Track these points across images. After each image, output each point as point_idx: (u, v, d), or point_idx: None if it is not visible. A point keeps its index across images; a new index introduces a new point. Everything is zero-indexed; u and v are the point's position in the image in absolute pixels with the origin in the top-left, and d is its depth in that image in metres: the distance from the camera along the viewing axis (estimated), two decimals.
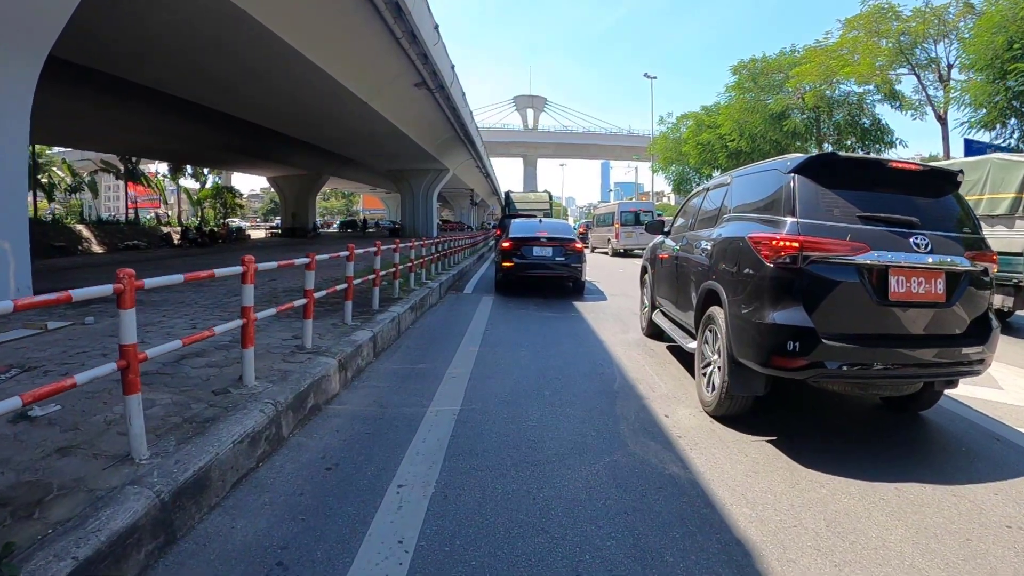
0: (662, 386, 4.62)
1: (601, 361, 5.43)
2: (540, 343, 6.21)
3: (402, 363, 5.22)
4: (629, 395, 4.36)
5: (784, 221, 3.33)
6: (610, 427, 3.67)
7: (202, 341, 3.63)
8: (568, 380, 4.73)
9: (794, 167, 3.46)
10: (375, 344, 5.35)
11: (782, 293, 3.21)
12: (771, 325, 3.20)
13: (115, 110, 20.85)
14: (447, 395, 4.24)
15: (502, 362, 5.28)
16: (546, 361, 5.40)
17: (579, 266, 10.68)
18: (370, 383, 4.57)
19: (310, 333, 4.60)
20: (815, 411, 4.15)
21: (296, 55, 13.66)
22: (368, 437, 3.45)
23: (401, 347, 5.91)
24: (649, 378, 4.85)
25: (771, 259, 3.26)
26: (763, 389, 3.52)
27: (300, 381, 3.79)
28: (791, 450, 3.32)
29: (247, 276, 3.52)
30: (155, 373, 4.03)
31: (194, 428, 3.05)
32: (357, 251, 5.93)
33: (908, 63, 20.84)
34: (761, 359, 3.27)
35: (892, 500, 2.77)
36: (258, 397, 3.47)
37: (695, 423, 3.79)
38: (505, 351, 5.76)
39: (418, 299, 7.71)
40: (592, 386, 4.58)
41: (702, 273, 4.31)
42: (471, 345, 5.95)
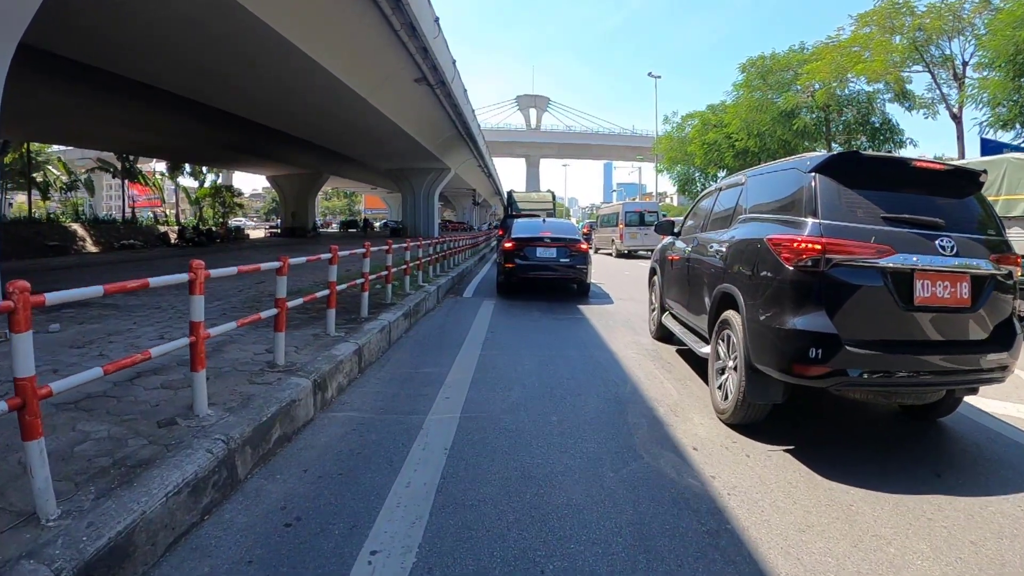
0: (675, 395, 4.15)
1: (615, 379, 4.84)
2: (545, 353, 5.63)
3: (390, 380, 4.64)
4: (646, 417, 3.78)
5: (805, 222, 3.22)
6: (632, 469, 3.09)
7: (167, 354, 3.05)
8: (577, 400, 4.15)
9: (815, 166, 3.34)
10: (360, 358, 4.77)
11: (803, 297, 3.10)
12: (792, 331, 3.09)
13: (111, 107, 20.34)
14: (439, 422, 3.66)
15: (503, 378, 4.71)
16: (552, 375, 4.82)
17: (584, 268, 10.20)
18: (351, 405, 3.99)
19: (282, 348, 4.02)
20: (831, 418, 4.02)
21: (291, 48, 13.10)
22: (341, 479, 2.87)
23: (391, 359, 5.33)
24: (663, 390, 4.27)
25: (792, 262, 3.15)
26: (782, 397, 3.39)
27: (263, 409, 3.21)
28: (810, 460, 3.18)
29: (195, 286, 2.94)
30: (100, 396, 3.47)
31: (123, 474, 2.48)
32: (344, 253, 5.36)
33: (923, 60, 20.22)
34: (781, 366, 3.15)
35: (917, 515, 2.63)
36: (208, 431, 2.89)
37: (711, 432, 3.60)
38: (506, 363, 5.18)
39: (413, 305, 7.13)
40: (603, 410, 4.00)
41: (716, 276, 4.18)
42: (469, 357, 5.37)
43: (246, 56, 14.12)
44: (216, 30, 12.36)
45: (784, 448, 3.35)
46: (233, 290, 8.67)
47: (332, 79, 15.63)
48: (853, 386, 3.12)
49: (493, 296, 10.23)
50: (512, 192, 24.47)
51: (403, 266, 8.21)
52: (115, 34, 12.49)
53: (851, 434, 3.73)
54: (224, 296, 8.15)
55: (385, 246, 8.27)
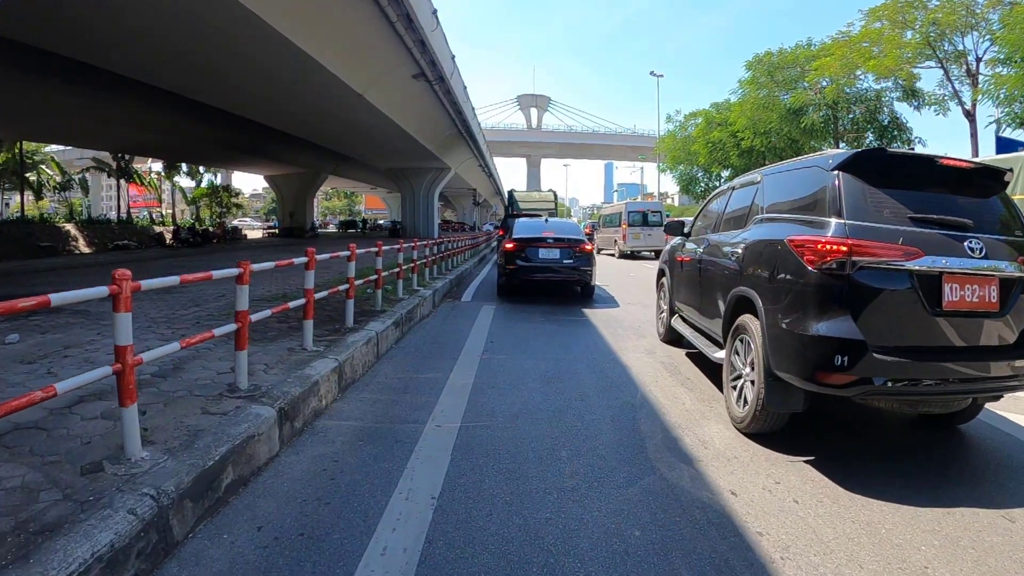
0: (697, 415, 3.50)
1: (632, 400, 4.27)
2: (551, 369, 5.06)
3: (374, 402, 4.07)
4: (672, 454, 3.22)
5: (828, 222, 3.10)
6: (662, 525, 2.52)
7: None
8: (590, 429, 3.58)
9: (838, 163, 3.21)
10: (341, 376, 4.21)
11: (828, 302, 2.97)
12: (816, 337, 2.95)
13: (104, 105, 19.86)
14: (427, 459, 3.09)
15: (503, 399, 4.13)
16: (559, 396, 4.25)
17: (589, 269, 9.75)
18: (325, 436, 3.41)
19: (244, 369, 3.45)
20: (850, 425, 3.89)
21: (281, 40, 12.53)
22: (302, 542, 2.30)
23: (378, 375, 4.76)
24: (686, 416, 3.71)
25: (816, 264, 3.02)
26: (802, 405, 3.25)
27: (211, 449, 2.65)
28: (831, 472, 3.04)
29: (120, 302, 2.37)
30: (31, 427, 2.92)
31: (20, 545, 1.93)
32: (323, 257, 4.79)
33: (935, 55, 19.64)
34: (805, 374, 3.02)
35: (945, 529, 2.51)
36: (137, 482, 2.33)
37: (729, 446, 3.39)
38: (507, 381, 4.61)
39: (405, 312, 6.56)
40: (621, 443, 3.42)
41: (730, 278, 4.03)
42: (464, 375, 4.79)
43: (237, 50, 13.57)
44: (205, 22, 11.83)
45: (805, 459, 3.18)
46: (214, 295, 8.12)
47: (326, 74, 15.06)
48: (878, 395, 3.01)
49: (493, 300, 9.68)
50: (513, 191, 23.84)
51: (395, 270, 7.63)
52: (104, 28, 12.01)
53: (871, 442, 3.59)
54: (203, 301, 7.60)
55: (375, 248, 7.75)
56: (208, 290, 8.71)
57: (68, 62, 14.10)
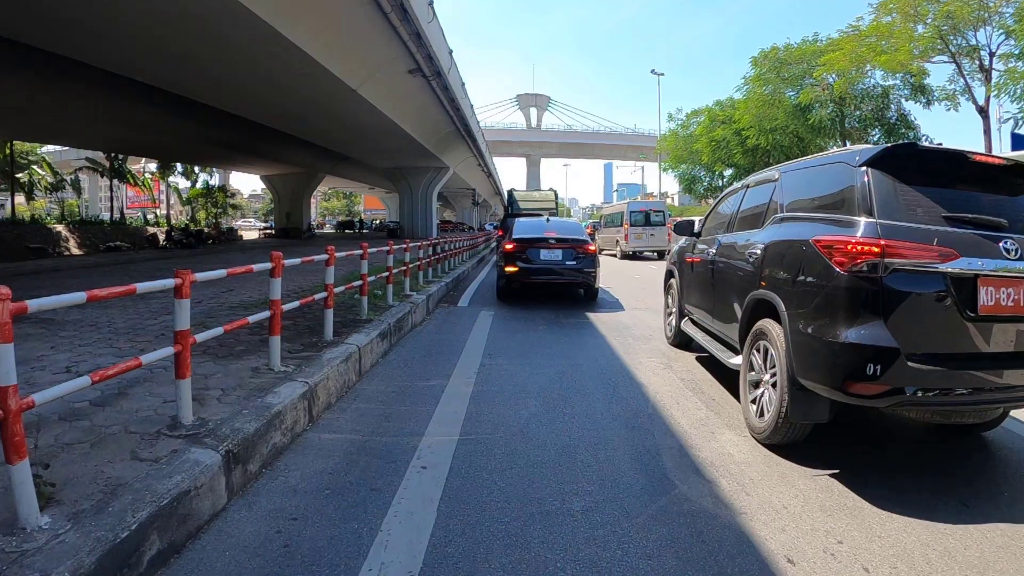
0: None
1: (651, 427, 3.70)
2: (556, 388, 4.48)
3: (350, 434, 3.48)
4: (723, 526, 2.65)
5: (857, 222, 2.94)
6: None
7: None
8: (606, 472, 2.99)
9: (867, 159, 3.06)
10: (312, 403, 3.63)
11: (859, 306, 2.82)
12: (847, 344, 2.79)
13: (98, 103, 19.35)
14: (407, 519, 2.50)
15: (501, 432, 3.54)
16: (568, 425, 3.67)
17: (593, 271, 9.29)
18: (284, 483, 2.81)
19: (187, 401, 2.86)
20: (868, 434, 3.71)
21: (269, 32, 11.97)
22: None
23: (359, 397, 4.17)
24: (727, 463, 3.14)
25: (846, 266, 2.86)
26: (828, 415, 3.10)
27: (128, 513, 2.07)
28: (857, 486, 2.89)
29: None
30: None
31: None
32: (294, 261, 4.21)
33: (948, 50, 19.06)
34: (833, 383, 2.86)
35: (984, 550, 2.31)
36: (24, 563, 1.76)
37: (749, 461, 3.18)
38: (506, 407, 4.03)
39: (394, 321, 5.97)
40: (647, 488, 2.85)
41: (747, 281, 3.86)
42: (458, 397, 4.21)
43: (223, 42, 13.01)
44: (192, 14, 11.28)
45: (828, 473, 3.00)
46: (191, 301, 7.53)
47: (317, 68, 14.49)
48: (909, 405, 2.86)
49: (491, 304, 9.11)
50: (513, 191, 23.21)
51: (384, 274, 7.03)
52: (92, 22, 11.57)
53: (892, 452, 3.45)
54: (170, 312, 7.01)
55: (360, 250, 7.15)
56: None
57: (57, 59, 13.63)
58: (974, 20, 18.53)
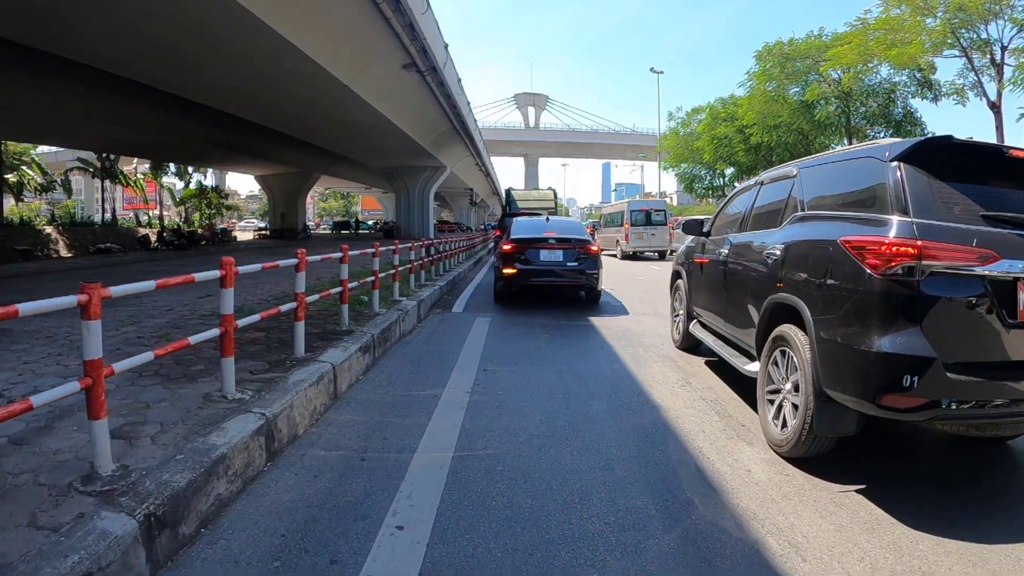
0: None
1: (677, 466, 3.12)
2: (561, 413, 3.89)
3: (315, 478, 2.88)
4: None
5: (890, 221, 2.72)
6: None
7: None
8: (627, 536, 2.42)
9: (898, 154, 2.86)
10: (271, 439, 3.03)
11: (894, 313, 2.59)
12: (882, 354, 2.55)
13: (87, 102, 18.77)
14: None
15: (496, 479, 2.93)
16: (577, 462, 3.08)
17: (595, 273, 8.82)
18: (227, 552, 2.20)
19: (104, 445, 2.23)
20: (890, 443, 3.50)
21: (256, 23, 11.37)
22: None
23: (330, 427, 3.56)
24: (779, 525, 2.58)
25: (880, 269, 2.63)
26: (855, 428, 2.94)
27: None
28: (886, 503, 2.66)
29: None
30: None
31: None
32: (249, 269, 3.62)
33: (959, 44, 18.52)
34: (866, 395, 2.63)
35: None
36: None
37: (768, 475, 3.00)
38: (503, 439, 3.43)
39: (379, 331, 5.37)
40: (677, 549, 2.28)
41: (765, 283, 3.66)
42: (446, 430, 3.58)
43: (212, 37, 12.41)
44: (179, 7, 10.70)
45: (854, 489, 2.83)
46: (161, 308, 6.96)
47: (307, 62, 13.87)
48: (946, 419, 2.68)
49: (488, 310, 8.54)
50: (511, 190, 22.68)
51: (370, 279, 6.43)
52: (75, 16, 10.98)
53: (918, 463, 3.27)
54: (148, 316, 6.44)
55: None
56: (160, 301, 7.56)
57: (47, 56, 13.09)
58: (985, 13, 18.02)
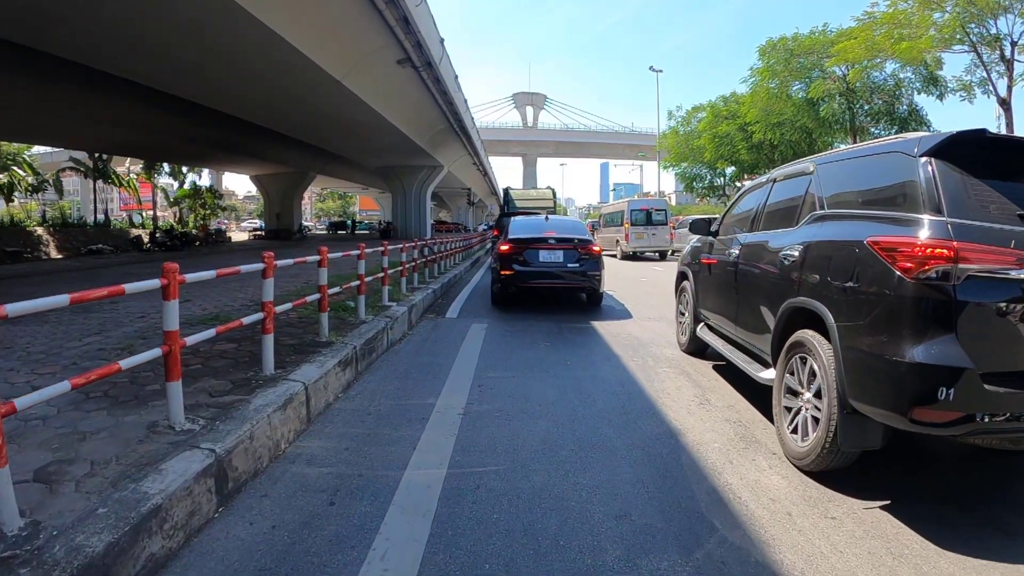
0: None
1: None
2: (566, 437, 3.39)
3: (274, 527, 2.38)
4: None
5: (921, 220, 2.55)
6: None
7: None
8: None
9: (928, 148, 2.65)
10: (223, 480, 2.54)
11: (928, 320, 2.41)
12: (915, 365, 2.38)
13: (74, 100, 18.22)
14: None
15: (493, 516, 2.45)
16: (587, 502, 2.60)
17: (597, 274, 8.42)
18: None
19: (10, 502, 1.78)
20: (915, 453, 3.28)
21: (240, 12, 10.88)
22: None
23: (297, 461, 3.05)
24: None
25: (913, 273, 2.45)
26: (881, 441, 2.71)
27: None
28: (913, 520, 2.51)
29: None
30: None
31: None
32: (194, 275, 3.14)
33: (968, 39, 18.07)
34: (897, 408, 2.45)
35: None
36: None
37: (787, 487, 2.79)
38: (500, 469, 2.95)
39: (362, 342, 4.85)
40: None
41: (781, 286, 3.50)
42: (432, 466, 3.10)
43: (194, 28, 11.89)
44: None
45: (879, 504, 2.67)
46: (134, 315, 6.46)
47: (297, 56, 13.37)
48: (980, 434, 2.48)
49: (485, 314, 8.06)
50: (509, 189, 22.17)
51: (355, 283, 5.92)
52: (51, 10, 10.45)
53: (942, 475, 3.10)
54: (119, 324, 5.94)
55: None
56: (133, 307, 7.06)
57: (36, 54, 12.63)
58: (995, 7, 17.58)
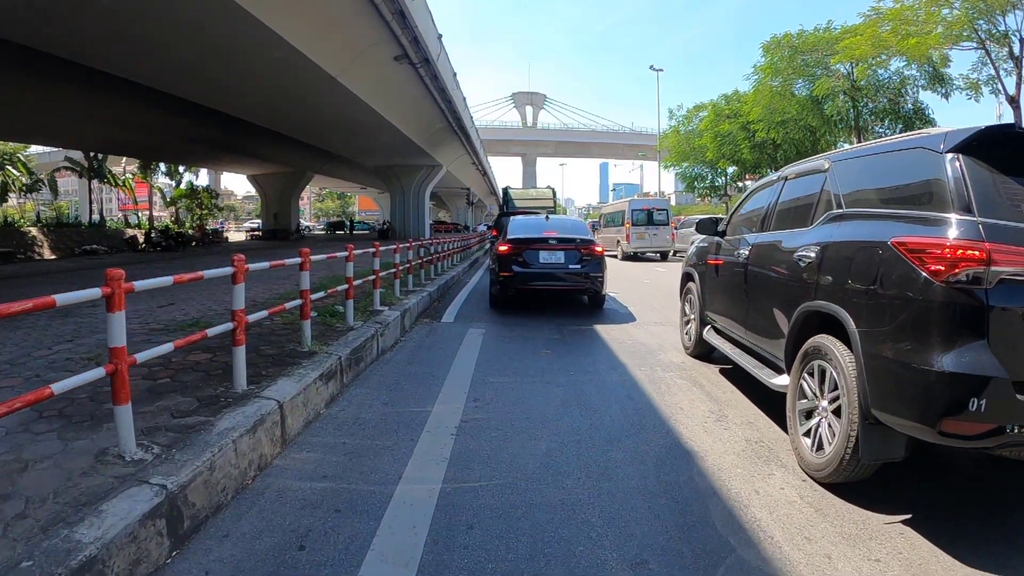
0: None
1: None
2: (571, 462, 3.03)
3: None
4: None
5: (949, 220, 2.41)
6: None
7: None
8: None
9: (956, 144, 2.50)
10: (175, 521, 2.16)
11: (959, 326, 2.27)
12: (946, 374, 2.23)
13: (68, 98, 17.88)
14: None
15: (489, 567, 2.10)
16: (597, 544, 2.23)
17: (600, 276, 8.08)
18: None
19: None
20: (930, 463, 3.07)
21: (234, 7, 10.53)
22: None
23: (266, 493, 2.68)
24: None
25: (943, 276, 2.31)
26: (904, 452, 2.59)
27: None
28: (937, 535, 2.37)
29: None
30: None
31: None
32: (141, 283, 2.78)
33: (977, 35, 17.72)
34: (926, 420, 2.30)
35: None
36: None
37: (803, 501, 2.65)
38: (497, 502, 2.58)
39: (348, 352, 4.45)
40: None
41: (795, 289, 3.31)
42: (419, 498, 2.73)
43: (185, 23, 11.54)
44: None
45: (900, 519, 2.49)
46: (130, 315, 6.09)
47: (291, 52, 13.01)
48: (1010, 446, 2.31)
49: (482, 319, 7.70)
50: (508, 189, 21.83)
51: (343, 287, 5.52)
52: None
53: (963, 487, 2.88)
54: (93, 330, 5.56)
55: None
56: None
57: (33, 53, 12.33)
58: (1003, 3, 17.23)
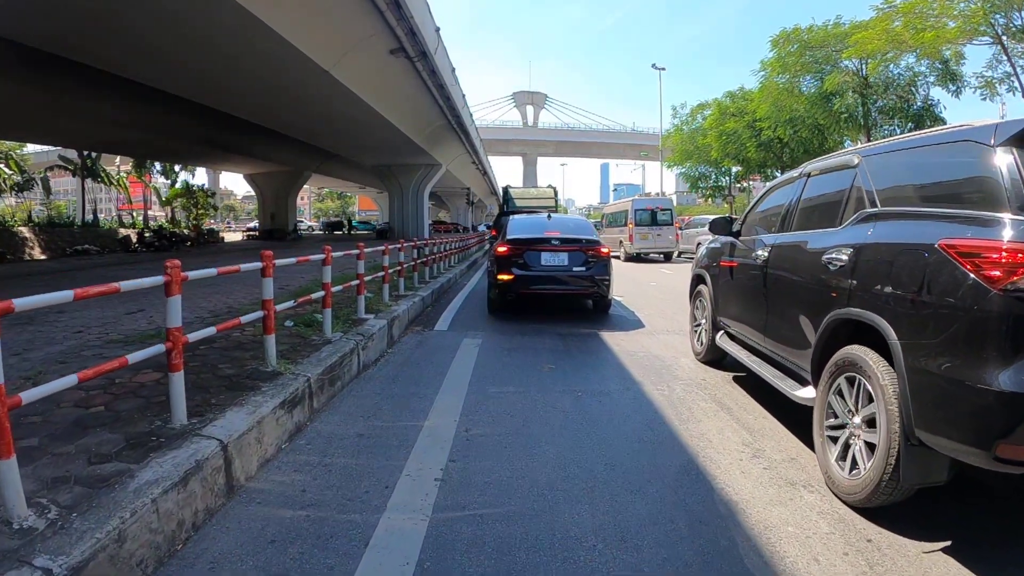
0: None
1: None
2: (584, 522, 2.42)
3: None
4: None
5: (1003, 220, 2.11)
6: None
7: None
8: None
9: (1009, 137, 2.22)
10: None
11: (1018, 339, 1.97)
12: (1004, 394, 1.95)
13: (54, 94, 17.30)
14: None
15: None
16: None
17: (605, 279, 7.53)
18: None
19: None
20: (976, 489, 2.70)
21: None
22: None
23: (199, 562, 2.11)
24: None
25: (1001, 283, 2.01)
26: (946, 476, 2.34)
27: None
28: (980, 565, 2.10)
29: None
30: None
31: None
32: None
33: (993, 30, 17.14)
34: (980, 444, 2.02)
35: None
36: None
37: (835, 524, 2.41)
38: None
39: (319, 372, 3.82)
40: None
41: (824, 294, 3.03)
42: (394, 566, 2.18)
43: (163, 10, 10.97)
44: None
45: (940, 547, 2.21)
46: (72, 329, 5.50)
47: (279, 42, 12.39)
48: None
49: (479, 326, 7.10)
50: (508, 188, 21.23)
51: (320, 294, 4.89)
52: None
53: (1003, 513, 2.55)
54: (49, 341, 4.96)
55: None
56: (77, 319, 6.11)
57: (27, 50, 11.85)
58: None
